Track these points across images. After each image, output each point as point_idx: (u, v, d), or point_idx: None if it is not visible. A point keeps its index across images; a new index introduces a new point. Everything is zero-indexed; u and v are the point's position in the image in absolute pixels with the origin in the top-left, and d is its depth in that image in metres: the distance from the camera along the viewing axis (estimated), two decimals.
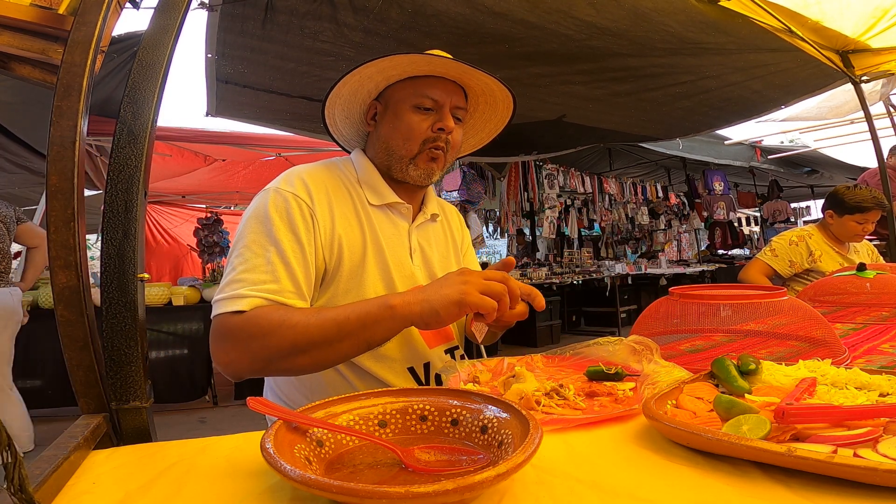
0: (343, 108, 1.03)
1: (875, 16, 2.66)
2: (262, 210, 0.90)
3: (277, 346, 0.79)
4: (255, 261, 0.85)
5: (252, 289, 0.83)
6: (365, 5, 2.45)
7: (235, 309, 0.82)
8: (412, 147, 0.97)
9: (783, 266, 2.42)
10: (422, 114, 0.97)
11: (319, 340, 0.79)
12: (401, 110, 0.98)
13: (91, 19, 0.75)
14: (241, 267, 0.85)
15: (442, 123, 0.97)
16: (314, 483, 0.40)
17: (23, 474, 0.36)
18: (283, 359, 0.80)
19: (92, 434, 0.63)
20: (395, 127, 0.98)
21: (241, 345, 0.81)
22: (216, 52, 2.78)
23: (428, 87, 0.97)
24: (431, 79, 0.98)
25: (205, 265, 6.04)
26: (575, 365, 0.91)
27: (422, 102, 0.97)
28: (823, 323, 0.95)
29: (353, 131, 1.10)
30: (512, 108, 1.07)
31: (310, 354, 0.80)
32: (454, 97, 0.99)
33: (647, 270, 7.44)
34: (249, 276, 0.84)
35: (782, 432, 0.53)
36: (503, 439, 0.52)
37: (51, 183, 0.68)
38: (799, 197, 11.46)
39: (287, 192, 0.91)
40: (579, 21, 2.65)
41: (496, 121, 1.13)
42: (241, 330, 0.81)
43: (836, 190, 2.45)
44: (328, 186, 0.97)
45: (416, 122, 0.97)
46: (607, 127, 4.49)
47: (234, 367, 0.83)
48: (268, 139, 4.74)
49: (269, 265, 0.85)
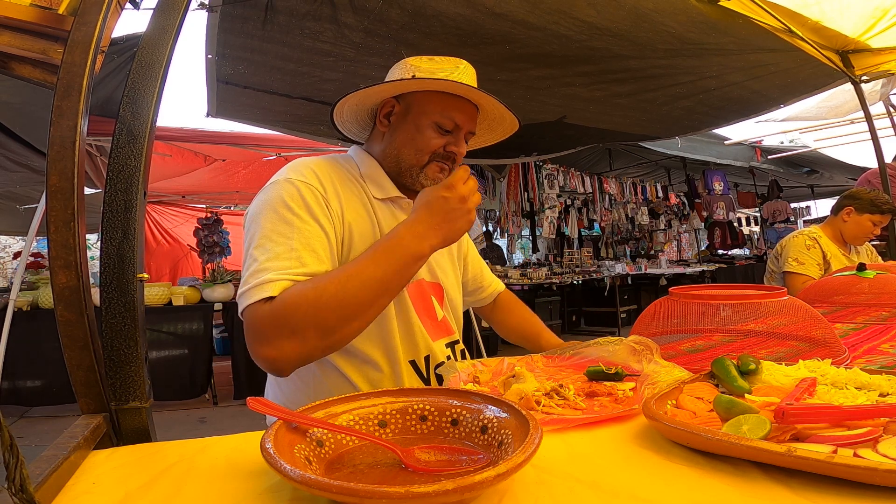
0: (358, 100, 1.02)
1: (875, 16, 2.66)
2: (277, 199, 0.88)
3: (324, 316, 0.76)
4: (276, 249, 0.83)
5: (278, 273, 0.80)
6: (365, 6, 2.45)
7: (264, 296, 0.78)
8: (422, 159, 0.99)
9: (815, 271, 2.39)
10: (440, 133, 0.98)
11: (362, 297, 0.78)
12: (422, 124, 0.98)
13: (91, 19, 0.74)
14: (263, 257, 0.82)
15: (455, 148, 1.00)
16: (314, 483, 0.40)
17: (24, 474, 0.36)
18: (332, 330, 0.77)
19: (92, 434, 0.63)
20: (412, 138, 0.99)
21: (286, 330, 0.76)
22: (216, 53, 2.78)
23: (454, 110, 0.98)
24: (458, 99, 0.99)
25: (205, 265, 6.03)
26: (575, 365, 0.91)
27: (445, 124, 0.98)
28: (823, 323, 0.95)
29: (355, 122, 1.09)
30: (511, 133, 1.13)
31: (358, 316, 0.79)
32: (471, 123, 1.02)
33: (647, 270, 7.44)
34: (273, 264, 0.81)
35: (782, 432, 0.53)
36: (503, 439, 0.52)
37: (51, 183, 0.68)
38: (799, 197, 11.46)
39: (298, 181, 0.90)
40: (580, 22, 2.65)
41: (490, 137, 1.17)
42: (277, 315, 0.76)
43: (857, 190, 2.46)
44: (334, 177, 0.97)
45: (432, 139, 0.98)
46: (607, 127, 4.49)
47: (286, 357, 0.77)
48: (268, 139, 4.73)
49: (293, 251, 0.83)
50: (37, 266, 4.38)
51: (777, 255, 2.57)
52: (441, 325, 1.07)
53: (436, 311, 1.07)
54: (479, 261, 1.31)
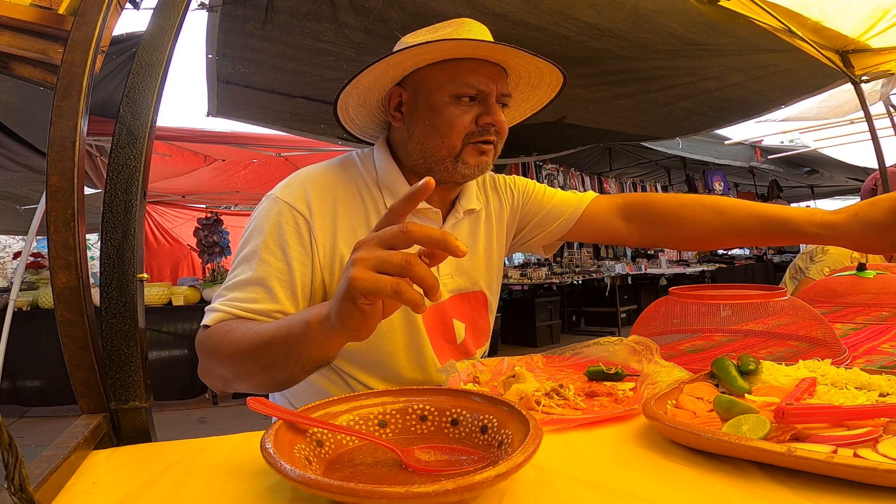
0: (359, 96, 0.89)
1: (875, 16, 2.65)
2: (258, 223, 0.84)
3: (221, 365, 0.72)
4: (240, 277, 0.80)
5: (225, 303, 0.78)
6: (365, 6, 2.45)
7: (204, 323, 0.77)
8: (454, 143, 0.83)
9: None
10: (463, 105, 0.82)
11: (248, 362, 0.68)
12: (437, 102, 0.82)
13: (91, 19, 0.75)
14: (227, 283, 0.81)
15: (491, 118, 0.82)
16: (314, 483, 0.40)
17: (23, 474, 0.36)
18: (232, 379, 0.72)
19: (92, 434, 0.63)
20: (433, 125, 0.83)
21: (203, 361, 0.76)
22: (216, 53, 2.78)
23: (469, 73, 0.81)
24: (471, 62, 0.82)
25: (205, 265, 6.03)
26: (575, 365, 0.91)
27: (463, 91, 0.82)
28: (823, 323, 0.95)
29: (367, 119, 0.95)
30: (558, 89, 0.94)
31: (246, 378, 0.69)
32: (500, 83, 0.84)
33: (647, 270, 7.44)
34: (229, 293, 0.79)
35: (782, 432, 0.53)
36: (503, 439, 0.52)
37: (51, 183, 0.68)
38: (799, 197, 11.46)
39: (285, 203, 0.83)
40: (580, 23, 2.65)
41: (535, 101, 0.99)
42: (201, 346, 0.76)
43: None
44: (337, 195, 0.87)
45: (457, 116, 0.82)
46: (608, 127, 4.49)
47: (207, 382, 0.77)
48: (268, 139, 4.73)
49: (249, 285, 0.79)
50: (37, 266, 4.39)
51: (811, 255, 2.40)
52: (459, 349, 0.97)
53: (455, 334, 0.96)
54: (545, 202, 1.07)
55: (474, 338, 1.01)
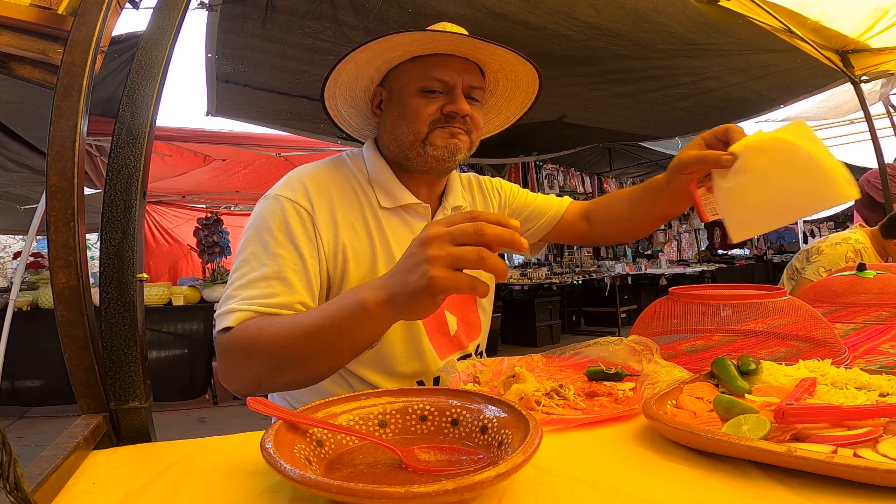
0: (345, 97, 0.95)
1: (875, 16, 2.66)
2: (261, 220, 0.85)
3: (260, 362, 0.72)
4: (250, 276, 0.80)
5: (242, 302, 0.78)
6: (365, 5, 2.45)
7: (224, 325, 0.77)
8: (420, 129, 0.86)
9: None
10: (428, 97, 0.86)
11: (296, 354, 0.69)
12: (405, 95, 0.87)
13: (91, 19, 0.74)
14: (237, 282, 0.81)
15: (454, 107, 0.86)
16: (314, 483, 0.40)
17: (17, 472, 0.36)
18: (270, 376, 0.72)
19: (92, 434, 0.63)
20: (402, 114, 0.88)
21: (232, 364, 0.76)
22: (216, 52, 2.79)
23: (434, 68, 0.86)
24: (440, 57, 0.86)
25: (205, 265, 6.03)
26: (575, 365, 0.91)
27: (428, 85, 0.86)
28: (823, 323, 0.95)
29: (361, 121, 1.01)
30: (537, 83, 0.97)
31: (291, 370, 0.71)
32: (466, 75, 0.88)
33: (647, 270, 7.44)
34: (242, 292, 0.79)
35: (782, 432, 0.53)
36: (503, 439, 0.52)
37: (51, 183, 0.68)
38: None
39: (286, 198, 0.86)
40: (580, 22, 2.65)
41: (521, 97, 1.02)
42: (229, 349, 0.76)
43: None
44: (332, 191, 0.90)
45: (422, 106, 0.86)
46: (607, 127, 4.50)
47: (233, 387, 0.78)
48: (268, 139, 4.74)
49: (265, 280, 0.80)
50: (37, 266, 4.38)
51: (808, 255, 2.40)
52: (453, 341, 1.00)
53: (448, 326, 1.00)
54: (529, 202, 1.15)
55: (465, 330, 1.04)
